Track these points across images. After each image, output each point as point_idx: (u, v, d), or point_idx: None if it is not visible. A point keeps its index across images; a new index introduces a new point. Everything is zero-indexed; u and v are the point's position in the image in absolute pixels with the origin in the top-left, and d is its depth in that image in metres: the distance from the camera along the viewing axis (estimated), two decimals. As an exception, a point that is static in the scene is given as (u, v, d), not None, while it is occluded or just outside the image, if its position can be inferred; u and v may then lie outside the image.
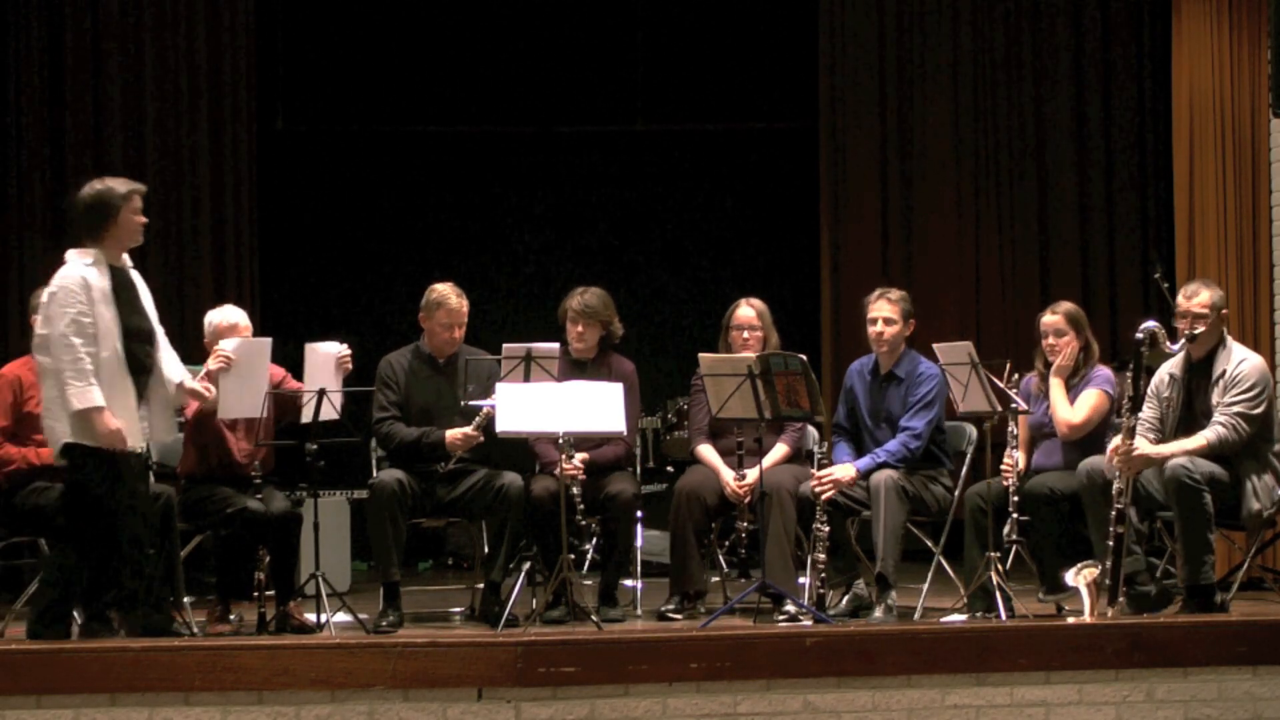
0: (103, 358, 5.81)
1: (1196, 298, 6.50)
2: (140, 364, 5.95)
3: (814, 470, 6.88)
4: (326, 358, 6.67)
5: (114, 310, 5.87)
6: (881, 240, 10.09)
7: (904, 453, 6.88)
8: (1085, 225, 10.10)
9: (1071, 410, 6.73)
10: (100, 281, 5.86)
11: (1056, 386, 6.77)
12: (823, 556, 6.63)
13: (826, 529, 6.67)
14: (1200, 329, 6.45)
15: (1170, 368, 6.64)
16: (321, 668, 5.15)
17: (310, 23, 10.18)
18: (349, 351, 6.72)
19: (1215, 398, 6.43)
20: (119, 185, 6.01)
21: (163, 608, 6.30)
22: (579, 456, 6.86)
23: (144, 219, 6.05)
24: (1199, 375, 6.54)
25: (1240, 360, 6.46)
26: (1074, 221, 10.08)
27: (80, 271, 5.86)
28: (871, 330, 7.05)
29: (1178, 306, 6.58)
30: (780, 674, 5.31)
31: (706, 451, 7.19)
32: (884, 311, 7.02)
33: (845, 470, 6.84)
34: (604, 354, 7.26)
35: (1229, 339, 6.57)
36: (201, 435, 6.79)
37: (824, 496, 6.72)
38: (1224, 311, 6.56)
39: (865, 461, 6.89)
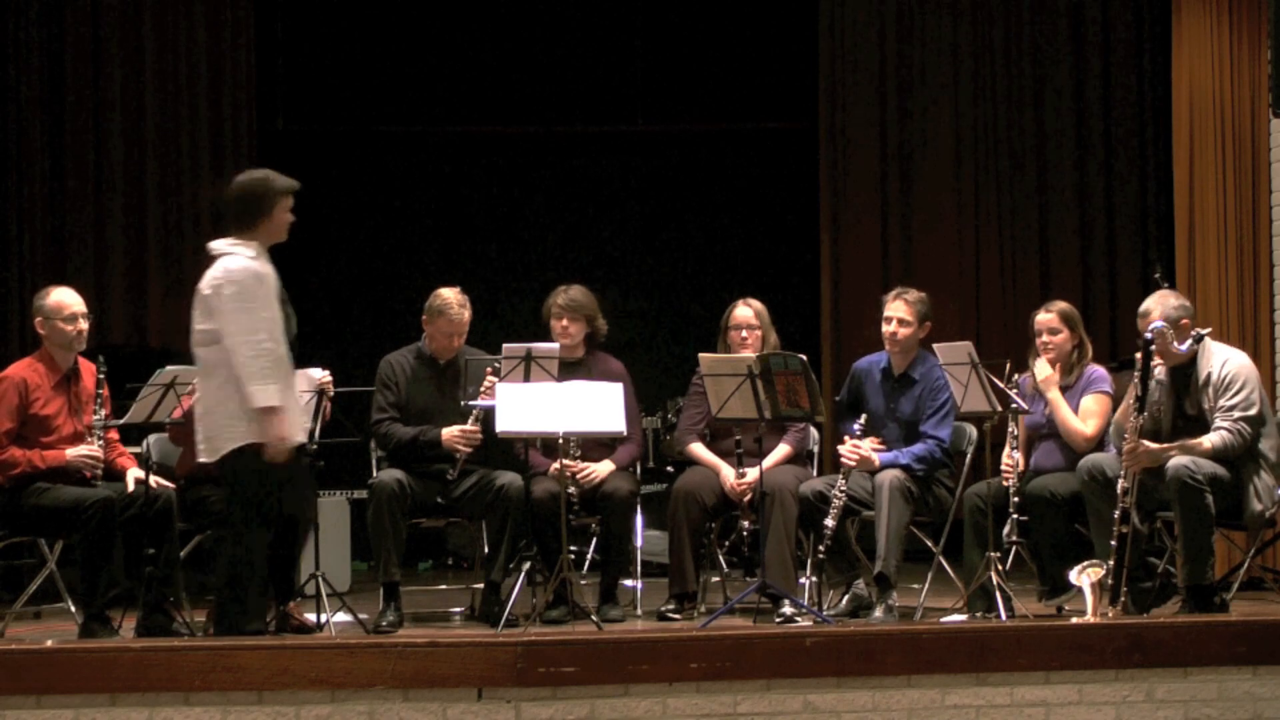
0: (280, 353, 5.63)
1: (1148, 318, 6.40)
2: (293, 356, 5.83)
3: (847, 436, 6.89)
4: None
5: (279, 305, 5.71)
6: (881, 240, 10.09)
7: (929, 459, 6.87)
8: (1085, 225, 10.10)
9: (1082, 422, 6.68)
10: (269, 276, 5.67)
11: (1057, 399, 6.73)
12: (831, 523, 6.62)
13: (844, 497, 6.66)
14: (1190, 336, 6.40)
15: (1158, 372, 6.60)
16: (321, 668, 5.14)
17: (310, 23, 10.18)
18: (330, 377, 6.64)
19: (1207, 402, 6.40)
20: (278, 180, 5.80)
21: (163, 607, 6.31)
22: (606, 465, 6.97)
23: (293, 218, 5.83)
24: (1181, 378, 6.51)
25: (1224, 361, 6.41)
26: (1074, 221, 10.09)
27: (250, 265, 5.64)
28: (885, 329, 7.03)
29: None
30: (780, 674, 5.30)
31: (698, 449, 7.19)
32: (899, 312, 7.00)
33: (874, 450, 6.86)
34: (591, 353, 7.27)
35: (1207, 341, 6.50)
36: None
37: (847, 461, 6.74)
38: (1184, 321, 6.41)
39: (888, 457, 6.87)
